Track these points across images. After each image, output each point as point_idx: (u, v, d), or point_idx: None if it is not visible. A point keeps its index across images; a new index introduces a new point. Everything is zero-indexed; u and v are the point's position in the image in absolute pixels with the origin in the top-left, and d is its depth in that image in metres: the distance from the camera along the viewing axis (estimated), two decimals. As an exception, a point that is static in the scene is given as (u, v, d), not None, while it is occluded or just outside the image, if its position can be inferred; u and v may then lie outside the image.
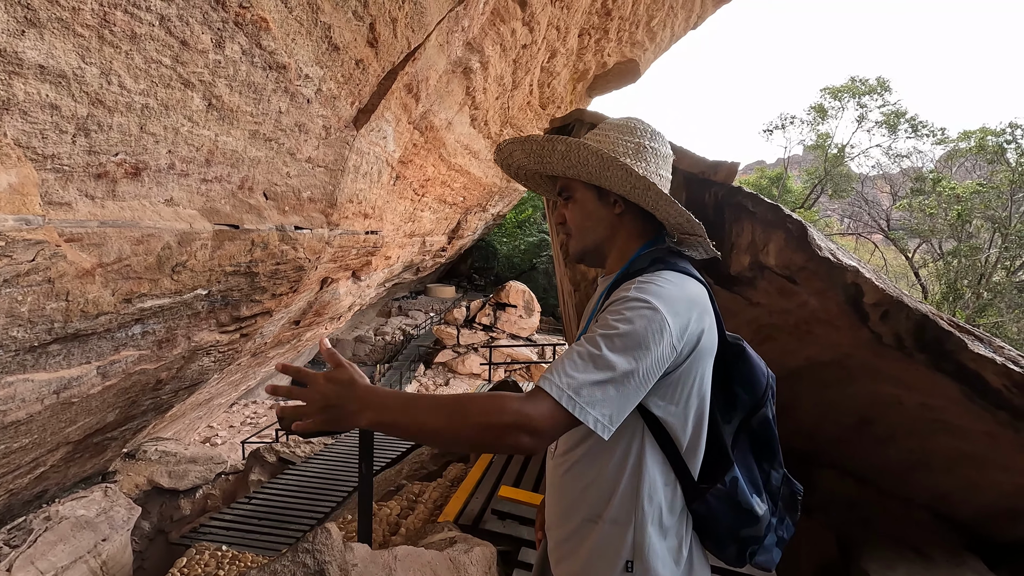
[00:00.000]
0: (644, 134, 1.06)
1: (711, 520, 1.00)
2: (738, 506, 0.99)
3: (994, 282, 12.52)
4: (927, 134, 17.55)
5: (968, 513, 2.66)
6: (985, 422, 2.23)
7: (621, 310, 0.88)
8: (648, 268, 0.98)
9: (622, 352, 0.83)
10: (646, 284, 0.91)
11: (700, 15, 10.30)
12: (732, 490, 0.99)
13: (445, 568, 1.97)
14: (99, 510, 4.02)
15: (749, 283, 2.39)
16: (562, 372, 0.81)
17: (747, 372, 1.05)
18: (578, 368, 0.82)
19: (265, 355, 6.61)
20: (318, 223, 4.28)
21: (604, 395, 0.81)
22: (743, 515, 0.99)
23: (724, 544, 1.02)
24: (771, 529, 1.05)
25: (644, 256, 1.04)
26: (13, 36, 1.59)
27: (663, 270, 0.96)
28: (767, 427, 1.06)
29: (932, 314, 2.14)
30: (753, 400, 1.05)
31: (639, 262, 1.03)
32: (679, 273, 0.97)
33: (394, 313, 21.62)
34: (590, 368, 0.82)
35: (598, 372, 0.81)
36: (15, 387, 2.39)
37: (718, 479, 0.99)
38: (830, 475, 2.98)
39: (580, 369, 0.82)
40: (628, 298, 0.89)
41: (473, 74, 5.76)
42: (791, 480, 1.12)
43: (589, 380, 0.81)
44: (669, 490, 0.98)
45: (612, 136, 1.06)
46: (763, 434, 1.06)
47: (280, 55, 2.65)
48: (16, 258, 1.89)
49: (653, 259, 1.01)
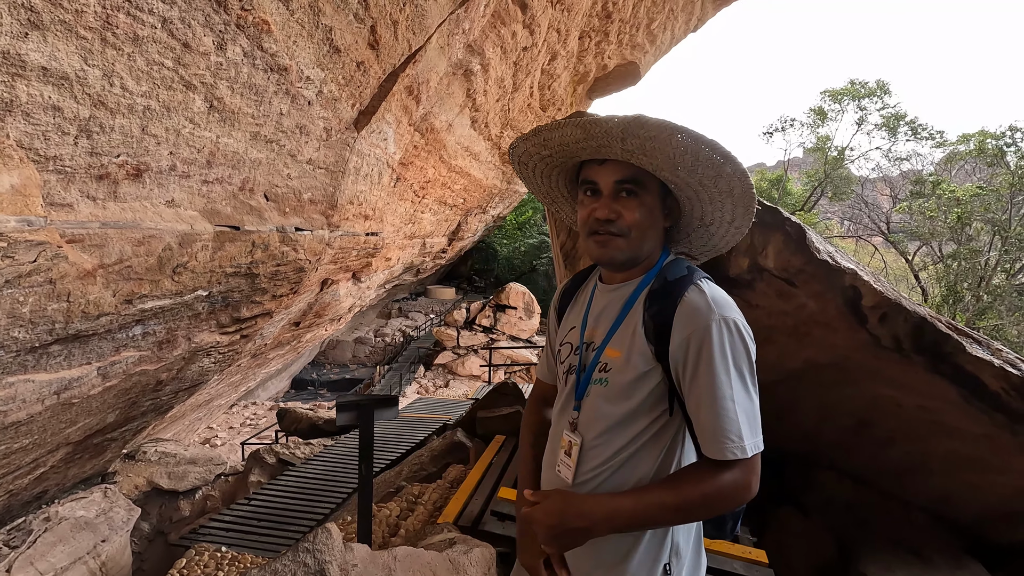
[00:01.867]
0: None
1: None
2: None
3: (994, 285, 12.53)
4: (927, 137, 17.59)
5: (967, 515, 2.66)
6: (983, 425, 2.23)
7: (723, 340, 0.91)
8: (688, 277, 0.98)
9: (750, 380, 0.92)
10: (718, 298, 0.95)
11: (700, 18, 10.33)
12: None
13: (445, 569, 1.98)
14: (99, 511, 4.01)
15: (747, 285, 2.40)
16: (739, 429, 0.88)
17: None
18: (747, 416, 0.90)
19: (265, 356, 6.61)
20: (319, 224, 4.29)
21: (759, 419, 0.93)
22: None
23: (723, 522, 1.07)
24: None
25: (674, 262, 1.04)
26: (16, 38, 1.60)
27: (707, 280, 0.99)
28: None
29: (930, 317, 2.15)
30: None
31: (674, 268, 1.02)
32: (713, 281, 1.01)
33: (394, 314, 21.62)
34: (752, 411, 0.91)
35: (751, 407, 0.91)
36: (16, 388, 2.39)
37: None
38: (829, 477, 2.98)
39: (747, 417, 0.90)
40: (725, 324, 0.91)
41: (474, 76, 5.77)
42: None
43: (755, 419, 0.91)
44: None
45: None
46: None
47: (281, 57, 2.66)
48: (18, 259, 1.89)
49: (688, 267, 1.02)
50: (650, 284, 1.02)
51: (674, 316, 0.94)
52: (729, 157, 0.91)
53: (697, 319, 0.91)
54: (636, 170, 0.98)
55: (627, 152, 0.94)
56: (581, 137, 0.97)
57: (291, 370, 16.32)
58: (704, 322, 0.91)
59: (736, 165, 0.93)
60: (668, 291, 0.97)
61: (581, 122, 0.95)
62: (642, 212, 1.00)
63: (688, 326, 0.92)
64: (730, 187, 0.96)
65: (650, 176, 0.99)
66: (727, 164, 0.92)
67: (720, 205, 1.01)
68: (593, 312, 1.11)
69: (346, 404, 2.98)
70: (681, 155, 0.91)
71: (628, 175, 0.98)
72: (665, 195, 1.03)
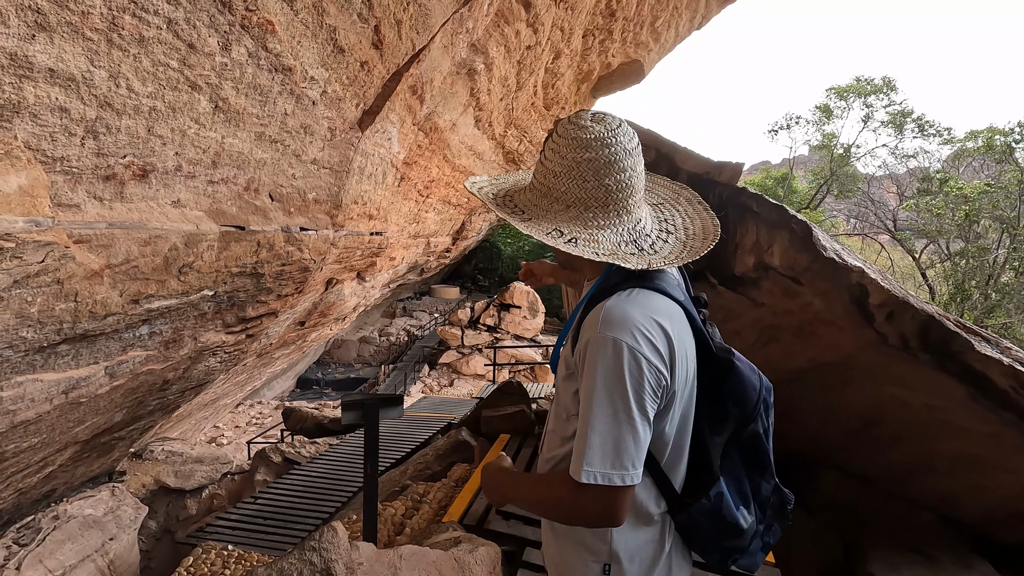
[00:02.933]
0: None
1: (694, 531, 1.01)
2: (722, 520, 0.98)
3: (1002, 283, 12.42)
4: (934, 134, 17.45)
5: (974, 515, 2.64)
6: (990, 423, 2.21)
7: (595, 360, 0.86)
8: (617, 284, 0.94)
9: (624, 406, 0.84)
10: (611, 315, 0.88)
11: (705, 15, 10.29)
12: (716, 505, 0.98)
13: (450, 568, 1.98)
14: (106, 509, 4.05)
15: (753, 283, 2.39)
16: (590, 457, 0.84)
17: (737, 387, 1.01)
18: (605, 445, 0.84)
19: (271, 355, 6.64)
20: (323, 224, 4.30)
21: (631, 451, 0.85)
22: (728, 529, 0.99)
23: (708, 551, 1.04)
24: (757, 536, 1.04)
25: (616, 272, 0.97)
26: (24, 40, 1.61)
27: (636, 287, 0.93)
28: (758, 441, 1.03)
29: (938, 315, 2.14)
30: (743, 414, 1.01)
31: (612, 277, 0.97)
32: (651, 292, 0.93)
33: (399, 314, 21.67)
34: (615, 440, 0.84)
35: (618, 436, 0.84)
36: (25, 387, 2.41)
37: (702, 494, 0.98)
38: (835, 477, 2.97)
39: (605, 446, 0.84)
40: (597, 342, 0.86)
41: (477, 75, 5.77)
42: (782, 490, 1.09)
43: (616, 450, 0.84)
44: (652, 498, 0.98)
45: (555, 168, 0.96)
46: (754, 447, 1.03)
47: (286, 57, 2.67)
48: (26, 259, 1.91)
49: (628, 275, 0.95)
50: (593, 290, 0.99)
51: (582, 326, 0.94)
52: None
53: (585, 334, 0.91)
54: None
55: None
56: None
57: (296, 369, 16.39)
58: (586, 338, 0.89)
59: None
60: (595, 298, 0.95)
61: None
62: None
63: (582, 339, 0.92)
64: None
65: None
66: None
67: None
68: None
69: (351, 403, 2.99)
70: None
71: None
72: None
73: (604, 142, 0.91)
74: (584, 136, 0.92)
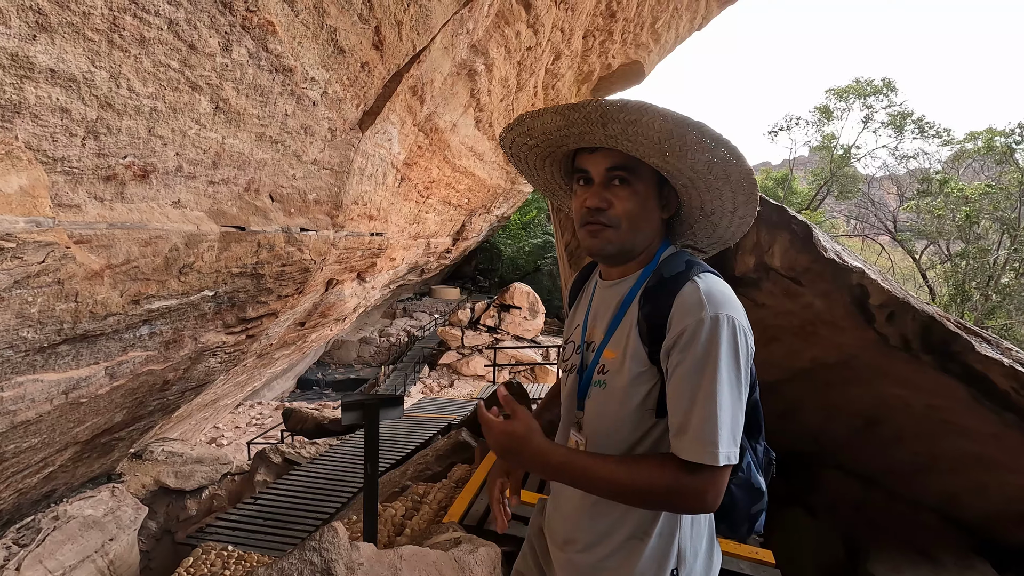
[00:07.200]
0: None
1: (733, 507, 0.99)
2: (752, 487, 0.99)
3: (1003, 284, 12.40)
4: (934, 135, 17.45)
5: (976, 516, 2.64)
6: (992, 424, 2.21)
7: (715, 339, 0.85)
8: (685, 272, 0.93)
9: (741, 384, 0.87)
10: (713, 295, 0.88)
11: (705, 16, 10.29)
12: (748, 474, 0.99)
13: (450, 568, 1.98)
14: (106, 510, 4.05)
15: (754, 284, 2.39)
16: (714, 436, 0.82)
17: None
18: (730, 423, 0.84)
19: (271, 356, 6.64)
20: (324, 225, 4.30)
21: (741, 428, 0.87)
22: (755, 495, 1.00)
23: (738, 524, 1.02)
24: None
25: (673, 257, 0.98)
26: (25, 40, 1.61)
27: (707, 274, 0.93)
28: (756, 408, 1.05)
29: (939, 315, 2.13)
30: (752, 379, 1.02)
31: (671, 264, 0.96)
32: (715, 275, 0.94)
33: (399, 315, 21.67)
34: (736, 418, 0.85)
35: (736, 415, 0.85)
36: (25, 387, 2.41)
37: (738, 466, 0.96)
38: (837, 477, 2.97)
39: (730, 424, 0.84)
40: (717, 321, 0.86)
41: (478, 76, 5.77)
42: (768, 449, 1.11)
43: (735, 428, 0.85)
44: None
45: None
46: (753, 414, 1.03)
47: (286, 58, 2.67)
48: (26, 259, 1.91)
49: (688, 260, 0.96)
50: (646, 281, 0.97)
51: (668, 316, 0.89)
52: (721, 140, 0.85)
53: (687, 317, 0.86)
54: (628, 157, 0.92)
55: (610, 138, 0.89)
56: (562, 124, 0.93)
57: (296, 370, 16.39)
58: (695, 319, 0.86)
59: (730, 148, 0.86)
60: (663, 289, 0.92)
61: (559, 108, 0.91)
62: (634, 201, 0.95)
63: (679, 325, 0.87)
64: (726, 173, 0.90)
65: (644, 163, 0.93)
66: (719, 147, 0.86)
67: (719, 193, 0.94)
68: (592, 310, 1.09)
69: (351, 404, 2.99)
70: (667, 140, 0.85)
71: (619, 162, 0.93)
72: (662, 184, 0.97)
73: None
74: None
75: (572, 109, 0.89)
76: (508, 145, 1.08)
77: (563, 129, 0.94)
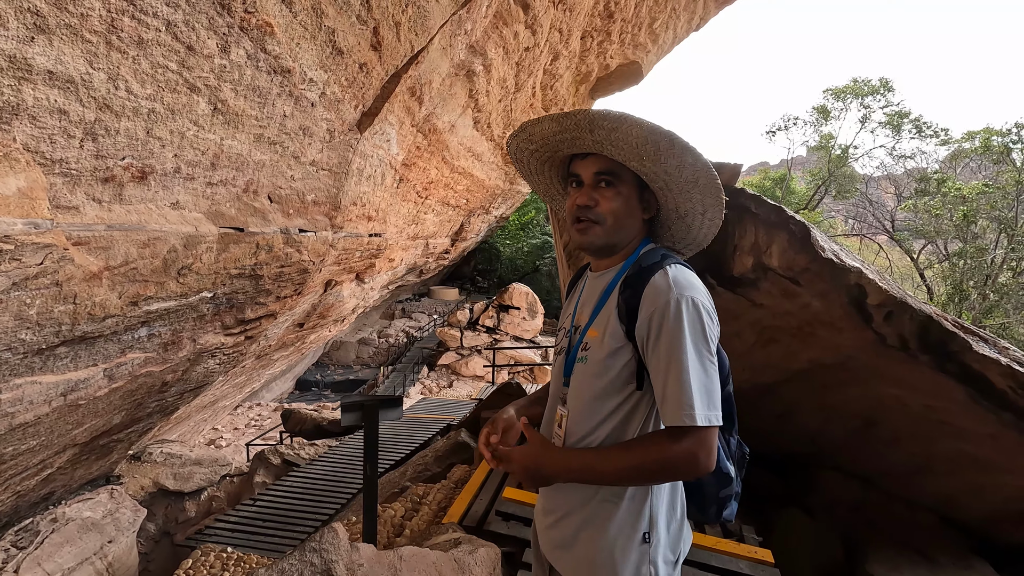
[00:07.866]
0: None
1: (701, 488, 1.13)
2: (720, 472, 1.11)
3: (1000, 283, 12.43)
4: (931, 134, 17.48)
5: (974, 516, 2.65)
6: (989, 424, 2.22)
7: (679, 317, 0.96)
8: (659, 263, 1.04)
9: (707, 355, 0.96)
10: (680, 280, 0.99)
11: (703, 17, 10.31)
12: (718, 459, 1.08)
13: (450, 569, 1.98)
14: (105, 512, 4.04)
15: (752, 284, 2.39)
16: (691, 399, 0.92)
17: (720, 349, 1.12)
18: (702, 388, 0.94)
19: (270, 357, 6.63)
20: (322, 226, 4.30)
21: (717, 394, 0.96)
22: (723, 479, 1.12)
23: (707, 506, 1.14)
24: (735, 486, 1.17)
25: (651, 251, 1.10)
26: (23, 42, 1.61)
27: (677, 264, 1.04)
28: (730, 401, 1.15)
29: (936, 315, 2.14)
30: (725, 373, 1.12)
31: (650, 256, 1.08)
32: (685, 266, 1.06)
33: (397, 315, 21.65)
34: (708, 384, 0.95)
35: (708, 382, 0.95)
36: (23, 389, 2.41)
37: None
38: (834, 478, 2.97)
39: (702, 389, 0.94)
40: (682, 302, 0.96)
41: (476, 77, 5.77)
42: (742, 443, 1.22)
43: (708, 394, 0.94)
44: None
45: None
46: (726, 406, 1.11)
47: (285, 59, 2.67)
48: (25, 261, 1.91)
49: (664, 254, 1.08)
50: (627, 271, 1.09)
51: (641, 297, 1.01)
52: (687, 148, 0.99)
53: (658, 298, 0.98)
54: (613, 163, 1.07)
55: (596, 143, 1.04)
56: (557, 129, 1.08)
57: (295, 371, 16.37)
58: (664, 300, 0.97)
59: (696, 156, 1.00)
60: (640, 276, 1.04)
61: (555, 116, 1.07)
62: (618, 201, 1.08)
63: (651, 305, 0.99)
64: (695, 177, 1.03)
65: (627, 168, 1.07)
66: (687, 155, 1.00)
67: (689, 196, 1.07)
68: (583, 299, 1.21)
69: (350, 405, 2.99)
70: (643, 145, 0.99)
71: (605, 167, 1.07)
72: (643, 187, 1.10)
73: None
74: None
75: (565, 117, 1.05)
76: (513, 150, 1.22)
77: (558, 134, 1.09)
